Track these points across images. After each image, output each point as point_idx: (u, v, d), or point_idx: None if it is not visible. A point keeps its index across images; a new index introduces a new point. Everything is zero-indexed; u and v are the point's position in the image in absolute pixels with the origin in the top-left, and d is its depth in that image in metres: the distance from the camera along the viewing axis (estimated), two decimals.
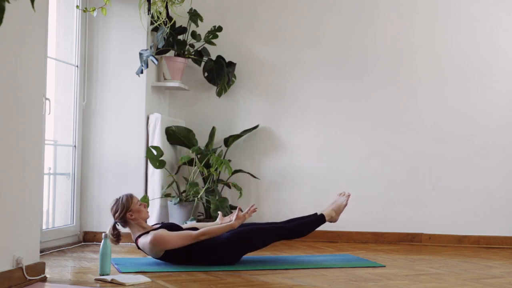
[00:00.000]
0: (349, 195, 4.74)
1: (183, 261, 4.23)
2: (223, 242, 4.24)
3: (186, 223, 5.19)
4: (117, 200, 4.27)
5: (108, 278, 3.70)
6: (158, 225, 4.38)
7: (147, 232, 4.22)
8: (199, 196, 5.43)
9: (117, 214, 4.23)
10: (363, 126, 5.93)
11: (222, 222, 4.56)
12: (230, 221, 4.41)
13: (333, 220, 4.70)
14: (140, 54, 5.36)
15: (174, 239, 4.17)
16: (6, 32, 3.33)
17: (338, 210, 4.70)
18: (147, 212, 4.35)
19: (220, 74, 5.87)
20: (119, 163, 5.45)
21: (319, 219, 4.64)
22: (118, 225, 4.25)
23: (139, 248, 4.29)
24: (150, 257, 4.77)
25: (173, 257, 4.21)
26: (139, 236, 4.24)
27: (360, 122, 5.93)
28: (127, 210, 4.23)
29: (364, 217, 5.85)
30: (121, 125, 5.48)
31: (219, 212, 4.71)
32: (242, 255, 4.37)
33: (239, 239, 4.29)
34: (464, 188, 5.78)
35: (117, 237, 4.21)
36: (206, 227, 4.36)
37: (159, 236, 4.15)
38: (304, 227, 4.60)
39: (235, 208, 5.71)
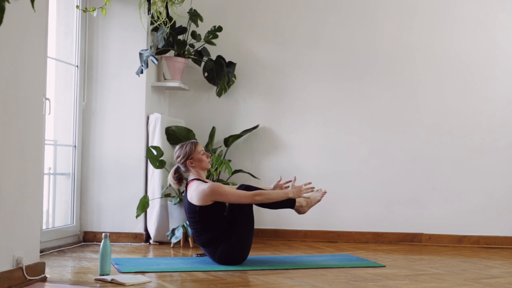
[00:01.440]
0: (324, 192, 4.65)
1: (209, 227, 4.24)
2: (233, 243, 4.25)
3: (186, 223, 5.20)
4: (182, 145, 4.44)
5: (108, 278, 3.70)
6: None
7: (204, 181, 4.33)
8: None
9: (178, 159, 4.41)
10: (363, 126, 5.93)
11: (275, 185, 4.60)
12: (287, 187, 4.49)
13: (301, 210, 4.57)
14: (140, 54, 5.36)
15: (231, 193, 4.26)
16: (6, 32, 3.33)
17: (310, 203, 4.58)
18: (209, 162, 4.46)
19: (220, 74, 5.87)
20: (119, 163, 5.45)
21: (287, 200, 4.43)
22: (180, 168, 4.42)
23: (185, 190, 4.33)
24: (150, 257, 4.77)
25: (212, 214, 4.23)
26: (195, 179, 4.33)
27: (360, 122, 5.94)
28: (188, 157, 4.38)
29: (364, 217, 5.85)
30: (121, 125, 5.49)
31: (279, 176, 4.76)
32: (251, 241, 4.38)
33: (240, 234, 4.29)
34: (464, 188, 5.78)
35: (178, 180, 4.42)
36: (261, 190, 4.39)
37: (218, 185, 4.26)
38: (270, 192, 4.47)
39: None
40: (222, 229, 4.28)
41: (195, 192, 4.26)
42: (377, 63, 5.95)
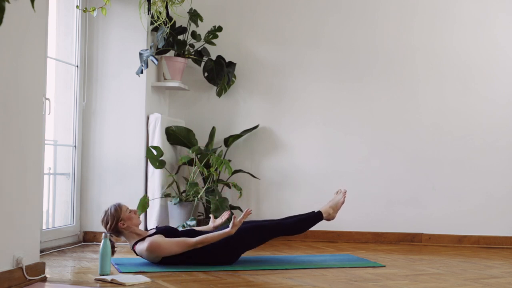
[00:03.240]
0: (345, 192, 4.72)
1: (181, 263, 4.22)
2: (220, 243, 4.23)
3: (186, 223, 5.20)
4: (106, 212, 4.24)
5: (108, 278, 3.70)
6: (153, 230, 4.37)
7: (143, 239, 4.21)
8: (199, 196, 5.42)
9: (108, 225, 4.20)
10: (363, 126, 5.93)
11: (215, 225, 4.59)
12: (222, 226, 4.46)
13: (330, 217, 4.67)
14: (140, 54, 5.36)
15: (171, 246, 4.15)
16: (6, 32, 3.33)
17: (336, 208, 4.67)
18: (138, 217, 4.32)
19: (220, 74, 5.87)
20: (119, 163, 5.45)
21: (316, 216, 4.62)
22: (112, 236, 4.21)
23: (137, 254, 4.29)
24: None
25: (171, 261, 4.19)
26: (136, 243, 4.24)
27: (360, 122, 5.93)
28: (118, 220, 4.20)
29: (364, 217, 5.85)
30: (121, 125, 5.48)
31: (211, 215, 4.73)
32: (240, 254, 4.36)
33: (236, 239, 4.28)
34: (464, 188, 5.78)
35: (112, 248, 4.03)
36: (202, 235, 4.25)
37: (155, 243, 4.13)
38: (301, 224, 4.60)
39: (235, 208, 5.72)
40: (197, 259, 4.21)
41: (143, 255, 4.18)
42: (377, 63, 5.95)
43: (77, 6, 5.26)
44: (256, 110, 6.05)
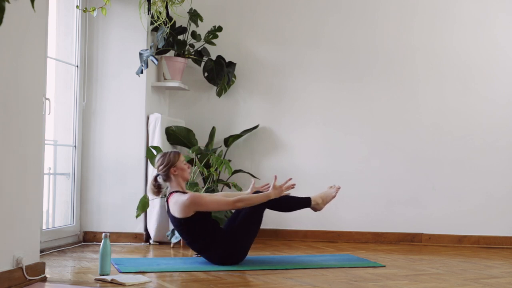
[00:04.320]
0: (339, 188, 4.68)
1: (197, 234, 4.23)
2: (231, 244, 4.24)
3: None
4: (165, 154, 4.40)
5: (108, 278, 3.70)
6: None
7: (184, 192, 4.29)
8: None
9: (161, 167, 4.35)
10: (363, 126, 5.93)
11: (251, 191, 4.57)
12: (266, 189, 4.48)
13: (317, 208, 4.60)
14: (140, 54, 5.36)
15: (211, 201, 4.24)
16: (6, 32, 3.33)
17: (325, 200, 4.61)
18: (190, 173, 4.46)
19: (220, 74, 5.87)
20: (119, 163, 5.45)
21: (304, 200, 4.56)
22: (159, 178, 4.37)
23: (167, 204, 4.32)
24: (150, 257, 4.77)
25: (194, 224, 4.21)
26: (174, 192, 4.30)
27: (360, 122, 5.93)
28: (172, 165, 4.33)
29: (364, 217, 5.85)
30: (121, 125, 5.48)
31: (252, 180, 4.73)
32: (250, 246, 4.38)
33: (241, 235, 4.29)
34: (464, 188, 5.78)
35: (158, 188, 4.37)
36: (241, 195, 4.37)
37: (198, 195, 4.26)
38: (287, 203, 4.52)
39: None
40: (212, 235, 4.26)
41: (176, 205, 4.23)
42: (377, 63, 5.95)
43: (77, 6, 5.26)
44: (256, 110, 6.06)
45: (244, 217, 4.34)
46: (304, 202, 4.58)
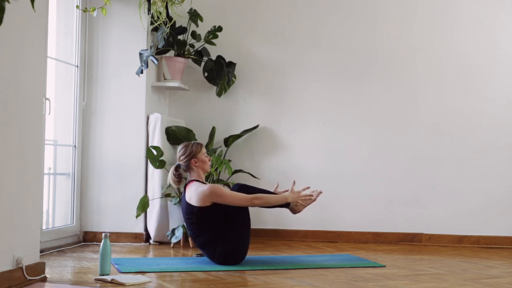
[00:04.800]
0: (320, 192, 4.57)
1: (207, 227, 4.25)
2: (231, 243, 4.25)
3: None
4: (187, 144, 4.46)
5: (108, 278, 3.70)
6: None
7: (203, 183, 4.35)
8: None
9: (182, 157, 4.41)
10: (363, 126, 5.93)
11: (274, 191, 4.60)
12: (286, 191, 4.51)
13: (296, 209, 4.49)
14: (140, 54, 5.36)
15: (231, 195, 4.28)
16: (6, 32, 3.33)
17: (305, 202, 4.50)
18: (210, 166, 4.51)
19: (220, 74, 5.87)
20: (119, 163, 5.45)
21: (283, 197, 4.48)
22: (180, 167, 4.43)
23: (184, 191, 4.34)
24: (149, 257, 4.77)
25: (208, 216, 4.23)
26: (194, 181, 4.34)
27: (360, 122, 5.93)
28: (193, 156, 4.40)
29: (364, 217, 5.85)
30: (121, 125, 5.48)
31: (277, 183, 4.77)
32: (248, 243, 4.39)
33: (237, 234, 4.30)
34: (464, 188, 5.78)
35: (179, 177, 4.44)
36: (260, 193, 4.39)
37: (218, 186, 4.30)
38: (269, 197, 4.45)
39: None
40: (220, 230, 4.28)
41: (195, 193, 4.27)
42: (377, 63, 5.95)
43: (77, 6, 5.26)
44: (256, 110, 6.06)
45: (238, 216, 4.35)
46: (283, 202, 4.49)
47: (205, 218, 4.26)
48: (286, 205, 4.50)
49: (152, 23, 5.55)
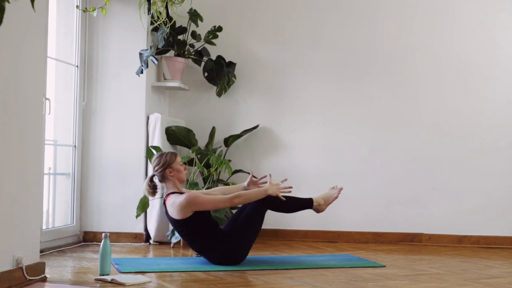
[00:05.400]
0: (341, 189, 4.67)
1: (196, 234, 4.22)
2: (228, 241, 4.24)
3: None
4: (162, 154, 4.39)
5: (108, 278, 3.70)
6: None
7: (180, 193, 4.27)
8: None
9: (157, 168, 4.33)
10: (363, 126, 5.93)
11: (250, 187, 4.59)
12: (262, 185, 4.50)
13: (320, 209, 4.58)
14: (140, 54, 5.36)
15: (208, 201, 4.22)
16: (6, 32, 3.33)
17: (327, 201, 4.60)
18: (186, 174, 4.43)
19: (220, 74, 5.87)
20: (119, 163, 5.45)
21: (306, 201, 4.54)
22: (155, 178, 4.36)
23: (165, 206, 4.31)
24: (149, 257, 4.77)
25: (193, 224, 4.20)
26: (171, 194, 4.29)
27: (360, 122, 5.93)
28: (168, 166, 4.31)
29: (364, 217, 5.85)
30: (121, 125, 5.48)
31: (251, 171, 4.74)
32: (251, 246, 4.37)
33: (241, 236, 4.29)
34: (464, 188, 5.78)
35: (153, 188, 4.36)
36: (238, 191, 4.37)
37: (194, 195, 4.22)
38: (289, 203, 4.48)
39: (235, 208, 5.71)
40: (213, 234, 4.25)
41: (174, 207, 4.21)
42: (377, 63, 5.95)
43: (77, 6, 5.26)
44: (256, 110, 6.06)
45: (246, 218, 4.34)
46: (306, 203, 4.56)
47: (195, 227, 4.23)
48: (309, 206, 4.54)
49: (152, 23, 5.55)
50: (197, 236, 4.24)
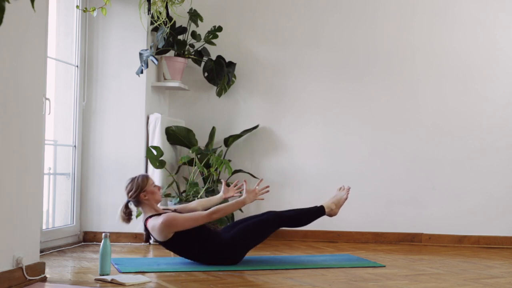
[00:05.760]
0: (349, 189, 4.70)
1: (187, 248, 4.21)
2: (227, 242, 4.23)
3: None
4: (133, 179, 4.28)
5: (108, 278, 3.70)
6: (169, 210, 4.38)
7: (159, 215, 4.22)
8: (199, 196, 5.42)
9: (131, 193, 4.24)
10: (363, 126, 5.93)
11: (226, 197, 4.60)
12: (237, 195, 4.51)
13: (332, 213, 4.62)
14: (140, 54, 5.36)
15: (186, 220, 4.16)
16: (6, 32, 3.33)
17: (338, 204, 4.64)
18: (160, 195, 4.36)
19: (220, 74, 5.87)
20: (119, 163, 5.45)
21: (318, 210, 4.58)
22: (130, 204, 4.28)
23: (147, 230, 4.28)
24: (149, 257, 4.77)
25: (180, 241, 4.18)
26: (150, 217, 4.24)
27: (360, 122, 5.93)
28: (141, 190, 4.24)
29: (364, 217, 5.85)
30: (121, 125, 5.48)
31: (222, 180, 4.73)
32: (245, 253, 4.36)
33: (241, 237, 4.28)
34: (464, 188, 5.78)
35: (128, 215, 4.25)
36: (215, 206, 4.31)
37: (171, 217, 4.15)
38: (302, 217, 4.54)
39: None
40: (203, 243, 4.21)
41: (154, 231, 4.18)
42: (377, 63, 5.95)
43: (77, 6, 5.26)
44: (256, 110, 6.06)
45: (255, 225, 4.35)
46: (319, 212, 4.58)
47: (182, 243, 4.20)
48: (322, 214, 4.56)
49: (152, 23, 5.55)
50: (188, 250, 4.22)
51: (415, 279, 3.90)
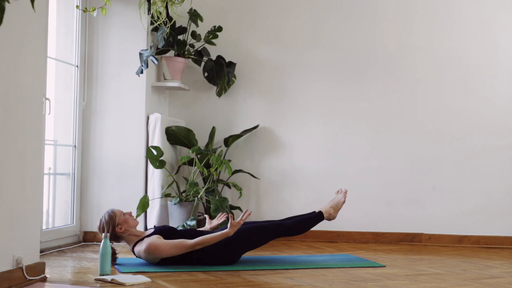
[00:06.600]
0: (346, 192, 4.73)
1: (181, 263, 4.22)
2: (221, 243, 4.23)
3: (186, 223, 5.20)
4: (101, 220, 4.24)
5: (108, 278, 3.70)
6: (151, 230, 4.36)
7: (142, 239, 4.21)
8: (199, 196, 5.43)
9: (107, 233, 4.09)
10: (363, 126, 5.93)
11: (211, 227, 4.64)
12: (219, 227, 4.52)
13: (331, 217, 4.67)
14: (140, 54, 5.36)
15: (169, 248, 4.13)
16: (6, 32, 3.33)
17: (336, 208, 4.68)
18: (134, 219, 4.31)
19: (220, 74, 5.87)
20: (119, 163, 5.45)
21: (317, 216, 4.62)
22: (112, 243, 4.21)
23: (136, 256, 4.29)
24: None
25: (171, 262, 4.19)
26: (135, 245, 4.23)
27: (360, 122, 5.93)
28: (114, 226, 4.21)
29: (364, 217, 5.85)
30: (121, 125, 5.49)
31: (206, 216, 4.75)
32: (241, 255, 4.36)
33: (238, 239, 4.28)
34: (464, 188, 5.78)
35: (113, 255, 4.14)
36: (201, 235, 4.25)
37: (153, 245, 4.12)
38: (302, 224, 4.58)
39: (235, 208, 5.72)
40: (198, 257, 4.20)
41: (141, 256, 4.19)
42: (377, 63, 5.95)
43: (77, 6, 5.26)
44: (256, 110, 6.06)
45: (256, 228, 4.37)
46: (318, 218, 4.62)
47: (175, 261, 4.19)
48: (321, 219, 4.60)
49: (152, 23, 5.55)
50: (184, 263, 4.21)
51: (415, 279, 3.90)
